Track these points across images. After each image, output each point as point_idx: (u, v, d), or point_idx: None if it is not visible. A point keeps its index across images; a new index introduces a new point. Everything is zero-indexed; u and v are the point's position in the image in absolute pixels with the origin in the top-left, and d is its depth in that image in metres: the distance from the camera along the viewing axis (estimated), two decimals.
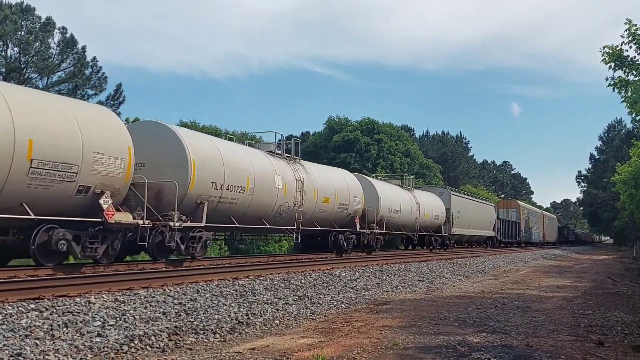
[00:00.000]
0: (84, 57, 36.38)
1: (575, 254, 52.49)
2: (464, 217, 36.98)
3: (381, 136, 54.90)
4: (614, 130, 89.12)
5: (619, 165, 33.65)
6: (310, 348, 7.01)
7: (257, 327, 8.58)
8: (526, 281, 18.51)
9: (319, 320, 9.55)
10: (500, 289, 15.41)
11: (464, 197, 39.50)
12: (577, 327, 9.14)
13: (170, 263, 13.61)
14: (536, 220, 64.47)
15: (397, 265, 18.20)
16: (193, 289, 9.95)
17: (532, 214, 63.01)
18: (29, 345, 6.06)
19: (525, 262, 31.63)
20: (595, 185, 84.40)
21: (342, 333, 8.11)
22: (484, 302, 12.07)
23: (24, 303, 7.32)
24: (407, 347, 7.13)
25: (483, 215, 42.71)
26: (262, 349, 7.01)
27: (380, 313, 10.28)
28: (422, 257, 23.02)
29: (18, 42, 34.21)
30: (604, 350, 7.30)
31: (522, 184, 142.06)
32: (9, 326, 6.48)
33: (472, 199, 42.00)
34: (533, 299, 13.20)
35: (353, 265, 16.47)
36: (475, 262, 24.83)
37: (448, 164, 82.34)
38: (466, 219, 37.47)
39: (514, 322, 9.42)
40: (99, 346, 6.45)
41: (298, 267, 14.58)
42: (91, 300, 7.98)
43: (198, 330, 7.83)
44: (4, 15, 33.14)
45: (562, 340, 7.84)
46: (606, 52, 15.05)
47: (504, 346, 7.20)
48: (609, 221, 75.96)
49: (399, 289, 14.52)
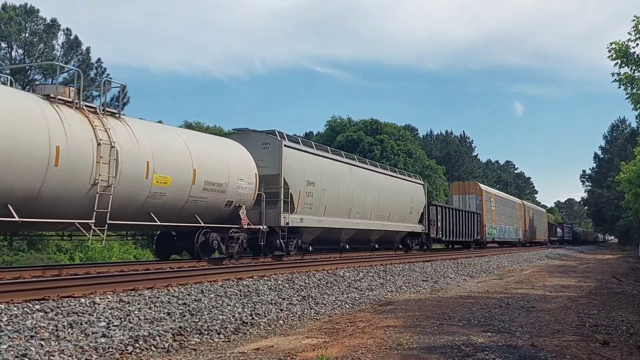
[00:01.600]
0: (88, 59, 36.50)
1: (579, 253, 52.33)
2: (329, 197, 20.36)
3: (384, 136, 54.86)
4: (617, 130, 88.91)
5: (624, 164, 33.61)
6: (314, 348, 7.01)
7: (262, 328, 8.59)
8: (531, 281, 18.47)
9: (323, 320, 9.55)
10: (505, 289, 15.38)
11: (327, 157, 21.09)
12: (582, 327, 9.11)
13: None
14: (510, 212, 49.68)
15: (401, 266, 18.19)
16: (197, 289, 9.96)
17: (504, 204, 47.89)
18: (34, 346, 6.08)
19: (529, 261, 31.59)
20: (599, 184, 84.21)
21: (347, 333, 8.11)
22: (488, 302, 12.05)
23: (29, 304, 7.34)
24: (411, 347, 7.12)
25: (395, 197, 26.21)
26: (267, 349, 7.02)
27: (384, 313, 10.27)
28: (427, 257, 22.99)
29: (22, 44, 34.33)
30: (609, 350, 7.28)
31: (526, 183, 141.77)
32: (14, 327, 6.50)
33: (349, 163, 22.85)
34: (538, 298, 13.17)
35: (357, 266, 16.47)
36: (479, 261, 24.81)
37: (452, 164, 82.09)
38: (334, 199, 20.75)
39: (518, 322, 9.40)
40: (104, 347, 6.47)
41: (302, 267, 14.58)
42: (96, 300, 8.00)
43: (202, 330, 7.84)
44: (9, 16, 33.25)
45: (567, 340, 7.82)
46: (613, 48, 15.01)
47: (508, 346, 7.19)
48: (613, 220, 75.78)
49: (403, 289, 14.51)
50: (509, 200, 51.65)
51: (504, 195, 51.69)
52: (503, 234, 45.85)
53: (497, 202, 45.02)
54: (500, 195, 49.05)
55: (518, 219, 52.52)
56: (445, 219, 32.77)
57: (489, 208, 41.79)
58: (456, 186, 42.12)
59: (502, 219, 46.05)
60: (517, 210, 52.98)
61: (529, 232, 57.20)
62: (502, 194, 51.21)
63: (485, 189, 42.78)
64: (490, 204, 42.21)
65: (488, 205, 41.61)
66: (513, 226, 49.84)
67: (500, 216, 45.32)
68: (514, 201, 54.20)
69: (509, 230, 48.03)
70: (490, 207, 42.18)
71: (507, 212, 48.58)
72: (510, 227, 48.59)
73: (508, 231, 47.79)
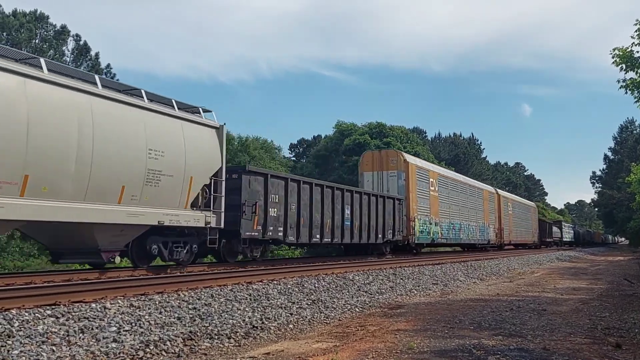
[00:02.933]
0: (98, 64, 36.72)
1: (590, 255, 52.00)
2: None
3: (391, 139, 54.76)
4: (627, 130, 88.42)
5: (634, 165, 33.36)
6: (324, 352, 7.00)
7: (272, 332, 8.59)
8: (541, 283, 18.37)
9: (333, 324, 9.54)
10: (516, 292, 15.31)
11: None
12: (594, 330, 9.05)
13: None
14: (471, 201, 34.91)
15: (411, 269, 18.14)
16: (207, 293, 9.97)
17: (457, 188, 32.87)
18: (45, 352, 6.11)
19: (540, 263, 31.44)
20: (609, 185, 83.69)
21: (357, 337, 8.09)
22: (499, 305, 11.99)
23: (40, 309, 7.36)
24: (422, 351, 7.09)
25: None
26: (277, 353, 7.02)
27: (394, 317, 10.25)
28: (437, 260, 22.90)
29: (32, 50, 34.58)
30: (622, 353, 7.22)
31: (536, 185, 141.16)
32: (25, 332, 6.53)
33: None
34: (549, 301, 13.10)
35: (367, 269, 16.44)
36: (489, 264, 24.71)
37: (460, 166, 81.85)
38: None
39: (530, 325, 9.35)
40: (115, 352, 6.49)
41: (311, 271, 14.56)
42: (107, 305, 8.02)
43: (213, 335, 7.85)
44: (19, 23, 33.53)
45: (579, 343, 7.76)
46: (616, 54, 14.92)
47: (520, 349, 7.15)
48: (624, 222, 75.20)
49: (413, 292, 14.47)
50: (467, 185, 35.24)
51: (456, 177, 35.01)
52: (455, 233, 31.48)
53: (443, 185, 30.47)
54: (449, 176, 32.94)
55: (487, 213, 37.91)
56: (299, 202, 17.46)
57: (425, 192, 27.56)
58: (368, 158, 27.31)
59: (455, 211, 31.59)
60: (486, 201, 38.16)
61: (508, 231, 43.45)
62: (451, 174, 34.85)
63: (415, 162, 27.71)
64: (426, 187, 27.86)
65: (423, 189, 27.42)
66: (476, 222, 35.42)
67: (449, 206, 30.86)
68: (477, 187, 37.78)
69: (467, 228, 33.57)
70: (428, 191, 28.02)
71: (464, 202, 33.63)
72: (469, 223, 34.13)
73: (466, 229, 33.26)
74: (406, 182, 25.81)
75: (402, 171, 25.92)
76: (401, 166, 26.01)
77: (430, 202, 28.09)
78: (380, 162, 26.65)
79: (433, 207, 28.46)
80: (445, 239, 30.27)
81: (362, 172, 27.18)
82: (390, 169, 26.27)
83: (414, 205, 26.13)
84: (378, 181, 26.44)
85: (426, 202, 27.59)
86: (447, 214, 30.40)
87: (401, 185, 25.76)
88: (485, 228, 37.53)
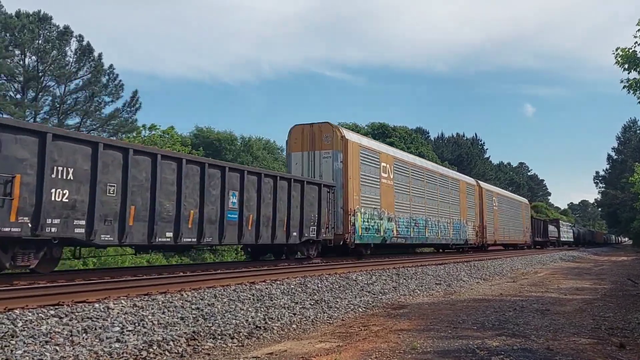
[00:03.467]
0: (100, 65, 36.76)
1: (593, 255, 51.88)
2: None
3: (394, 139, 54.74)
4: (630, 130, 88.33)
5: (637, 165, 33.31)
6: (328, 352, 7.00)
7: (275, 332, 8.58)
8: (545, 283, 18.33)
9: (337, 324, 9.53)
10: (519, 292, 15.28)
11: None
12: (598, 330, 9.02)
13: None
14: (441, 193, 29.17)
15: (414, 269, 18.12)
16: (210, 294, 9.97)
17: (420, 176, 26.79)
18: (49, 352, 6.11)
19: (543, 264, 31.39)
20: (613, 185, 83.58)
21: (360, 337, 8.08)
22: (502, 305, 11.97)
23: (43, 309, 7.38)
24: (425, 351, 7.08)
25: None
26: (280, 353, 7.02)
27: (397, 317, 10.24)
28: (440, 260, 22.88)
29: (35, 51, 34.67)
30: (626, 354, 7.20)
31: (539, 185, 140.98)
32: (29, 332, 6.54)
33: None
34: (552, 301, 13.07)
35: (370, 269, 16.43)
36: (492, 264, 24.68)
37: (464, 166, 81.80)
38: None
39: (533, 325, 9.33)
40: (118, 352, 6.49)
41: (314, 271, 14.56)
42: (110, 305, 8.03)
43: (216, 335, 7.85)
44: (22, 24, 33.60)
45: (583, 344, 7.74)
46: (619, 54, 14.94)
47: (523, 349, 7.13)
48: (627, 222, 74.99)
49: (416, 292, 14.45)
50: (436, 174, 29.19)
51: (422, 163, 28.48)
52: (419, 231, 25.51)
53: (402, 172, 24.56)
54: (410, 161, 26.34)
55: (464, 208, 32.43)
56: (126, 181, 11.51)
57: (373, 179, 21.81)
58: (297, 134, 21.06)
59: (419, 204, 25.87)
60: (463, 193, 32.63)
61: (492, 230, 37.95)
62: (414, 159, 27.73)
63: (358, 140, 21.55)
64: (376, 172, 22.03)
65: (370, 175, 21.62)
66: (449, 218, 29.79)
67: (411, 198, 25.07)
68: (450, 177, 31.83)
69: (436, 225, 27.78)
70: (379, 177, 22.19)
71: (433, 194, 27.95)
72: (439, 219, 28.35)
73: (434, 226, 27.46)
74: (344, 165, 19.92)
75: (338, 151, 20.01)
76: (337, 144, 20.07)
77: (381, 192, 22.19)
78: (312, 139, 20.52)
79: (385, 198, 22.49)
80: (404, 239, 23.98)
81: (289, 153, 21.15)
82: (324, 149, 20.28)
83: (355, 194, 20.15)
84: (309, 164, 20.50)
85: (375, 192, 21.73)
86: (406, 207, 24.48)
87: (337, 169, 19.95)
88: (462, 225, 31.92)
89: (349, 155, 20.07)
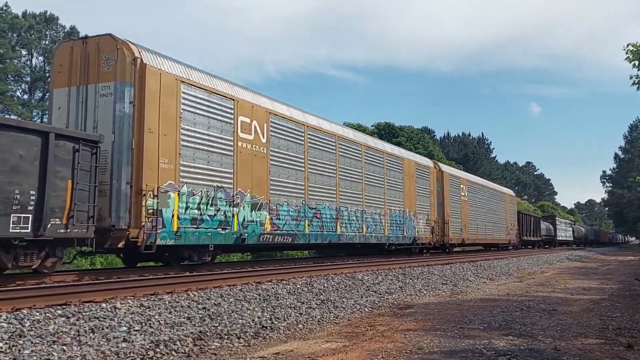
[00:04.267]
0: None
1: (600, 255, 51.68)
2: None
3: (401, 139, 54.62)
4: (637, 129, 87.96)
5: None
6: (334, 352, 7.00)
7: (281, 332, 8.59)
8: (552, 283, 18.27)
9: (343, 324, 9.53)
10: (526, 292, 15.23)
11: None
12: (606, 330, 8.98)
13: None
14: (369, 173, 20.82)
15: (420, 269, 18.09)
16: (217, 293, 9.99)
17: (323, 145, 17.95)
18: (56, 351, 6.14)
19: (550, 263, 31.30)
20: (620, 185, 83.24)
21: (366, 337, 8.08)
22: (509, 305, 11.94)
23: (51, 309, 7.41)
24: (432, 351, 7.07)
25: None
26: (287, 353, 7.02)
27: (404, 317, 10.22)
28: (446, 260, 22.85)
29: (43, 51, 34.82)
30: (634, 354, 7.16)
31: (545, 184, 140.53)
32: (36, 332, 6.57)
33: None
34: (559, 301, 13.02)
35: (375, 269, 16.41)
36: (499, 264, 24.62)
37: (470, 166, 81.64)
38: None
39: (540, 325, 9.30)
40: (125, 351, 6.51)
41: (320, 271, 14.56)
42: (117, 305, 8.05)
43: (222, 335, 7.86)
44: (29, 25, 33.74)
45: (590, 344, 7.71)
46: (630, 50, 14.88)
47: (530, 350, 7.11)
48: (634, 221, 74.70)
49: (422, 292, 14.43)
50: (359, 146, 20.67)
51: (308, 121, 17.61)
52: (318, 225, 17.30)
53: (286, 136, 16.12)
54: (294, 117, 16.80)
55: (411, 196, 24.54)
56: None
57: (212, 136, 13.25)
58: (64, 57, 12.38)
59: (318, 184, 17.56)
60: (410, 176, 24.57)
61: (459, 226, 30.07)
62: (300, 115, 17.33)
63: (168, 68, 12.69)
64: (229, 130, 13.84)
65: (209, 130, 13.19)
66: (382, 208, 21.78)
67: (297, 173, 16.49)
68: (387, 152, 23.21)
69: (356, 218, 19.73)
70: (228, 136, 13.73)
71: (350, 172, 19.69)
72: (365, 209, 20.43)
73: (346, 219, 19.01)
74: (137, 108, 11.62)
75: (125, 83, 11.61)
76: (125, 73, 11.66)
77: (237, 161, 13.97)
78: (84, 67, 12.05)
79: (246, 170, 14.32)
80: (289, 237, 15.87)
81: (52, 90, 12.85)
82: (102, 81, 11.82)
83: (165, 160, 11.94)
84: (79, 106, 11.99)
85: (217, 159, 13.39)
86: (295, 188, 16.37)
87: (122, 115, 11.49)
88: (408, 219, 24.03)
89: (147, 91, 11.73)
